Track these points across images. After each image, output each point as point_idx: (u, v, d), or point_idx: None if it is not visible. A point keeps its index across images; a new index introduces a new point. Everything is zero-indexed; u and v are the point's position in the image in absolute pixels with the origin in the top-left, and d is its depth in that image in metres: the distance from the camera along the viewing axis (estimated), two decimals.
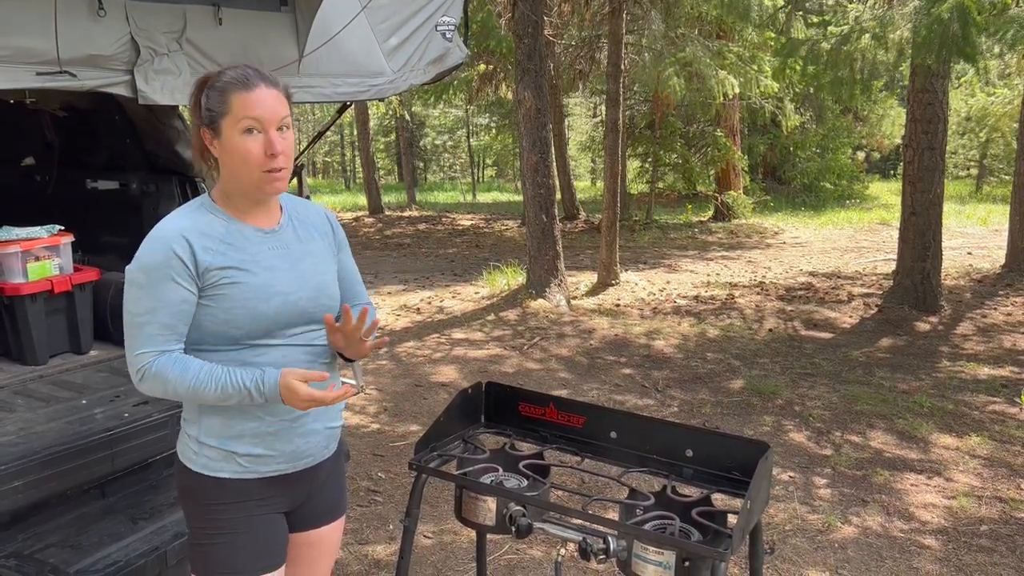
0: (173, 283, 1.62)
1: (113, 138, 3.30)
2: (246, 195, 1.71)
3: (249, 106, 1.61)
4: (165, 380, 1.62)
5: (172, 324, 1.63)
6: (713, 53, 12.13)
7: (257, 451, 1.71)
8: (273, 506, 1.79)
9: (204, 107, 1.64)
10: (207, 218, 1.70)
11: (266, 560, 1.76)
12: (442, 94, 15.23)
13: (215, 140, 1.65)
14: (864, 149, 25.89)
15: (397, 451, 4.43)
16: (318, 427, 1.80)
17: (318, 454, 1.83)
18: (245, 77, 1.63)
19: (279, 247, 1.75)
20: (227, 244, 1.68)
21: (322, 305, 1.78)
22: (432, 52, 3.88)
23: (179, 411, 2.50)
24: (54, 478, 2.14)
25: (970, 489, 3.94)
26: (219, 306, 1.65)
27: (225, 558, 1.72)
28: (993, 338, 6.74)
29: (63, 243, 2.93)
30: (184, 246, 1.63)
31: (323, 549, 1.97)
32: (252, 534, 1.73)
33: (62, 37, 2.41)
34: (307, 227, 1.84)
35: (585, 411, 2.37)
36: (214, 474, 1.72)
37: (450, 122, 32.72)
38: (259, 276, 1.68)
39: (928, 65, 5.93)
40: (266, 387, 1.63)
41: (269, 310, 1.68)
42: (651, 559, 1.86)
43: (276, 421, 1.72)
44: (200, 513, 1.74)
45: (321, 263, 1.82)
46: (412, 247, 13.45)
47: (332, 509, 1.95)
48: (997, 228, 14.16)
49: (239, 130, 1.61)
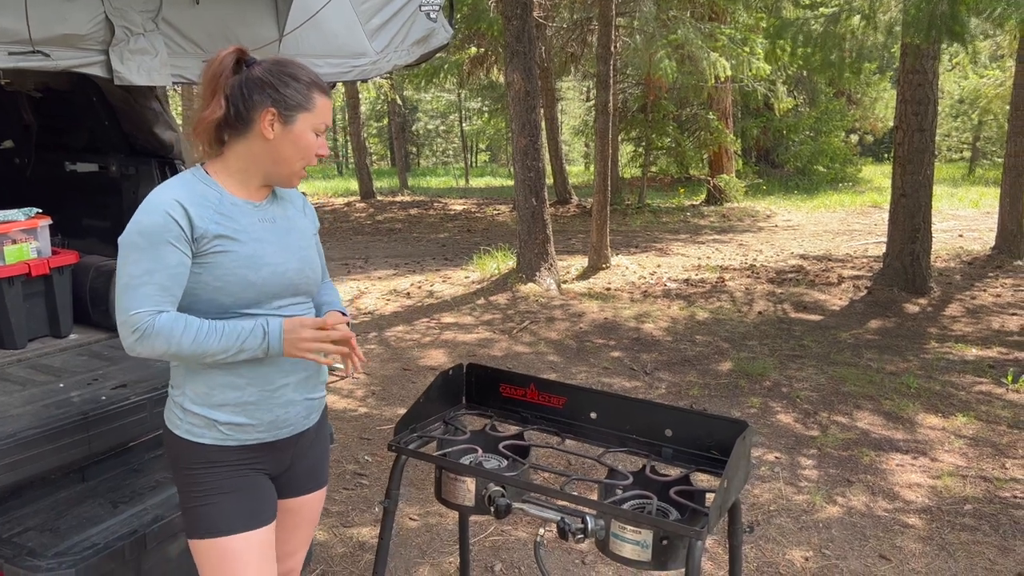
0: (170, 246, 1.65)
1: (91, 119, 3.25)
2: (265, 178, 1.79)
3: (326, 113, 1.77)
4: (169, 335, 1.63)
5: (168, 286, 1.67)
6: (705, 35, 12.07)
7: (238, 420, 1.77)
8: (257, 468, 1.83)
9: (285, 94, 1.71)
10: (200, 188, 1.74)
11: (251, 518, 1.80)
12: (433, 77, 15.13)
13: (278, 126, 1.72)
14: (857, 132, 25.85)
15: (384, 435, 4.42)
16: (297, 397, 1.85)
17: (298, 424, 1.87)
18: (324, 83, 1.77)
19: (267, 220, 1.81)
20: (220, 214, 1.73)
21: (307, 278, 1.86)
22: (416, 32, 3.83)
23: (156, 394, 2.51)
24: (28, 461, 2.12)
25: (955, 469, 3.96)
26: (211, 273, 1.70)
27: (213, 517, 1.77)
28: (981, 319, 6.75)
29: (41, 226, 2.89)
30: (180, 211, 1.67)
31: (303, 517, 2.03)
32: (236, 494, 1.78)
33: (33, 16, 2.37)
34: (289, 205, 1.91)
35: (565, 391, 2.37)
36: (198, 440, 1.77)
37: (442, 106, 32.58)
38: (249, 246, 1.74)
39: (917, 45, 5.89)
40: (270, 328, 1.69)
41: (258, 279, 1.73)
42: (628, 538, 1.87)
43: (256, 391, 1.77)
44: (187, 477, 1.79)
45: (304, 238, 1.89)
46: (403, 232, 13.41)
47: (314, 479, 2.01)
48: (988, 211, 14.18)
49: (313, 128, 1.75)
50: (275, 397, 1.79)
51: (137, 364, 2.68)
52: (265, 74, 1.71)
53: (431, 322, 6.84)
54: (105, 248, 3.27)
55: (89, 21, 2.55)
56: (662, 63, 11.93)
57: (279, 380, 1.79)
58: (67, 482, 2.47)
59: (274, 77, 1.71)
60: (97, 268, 3.05)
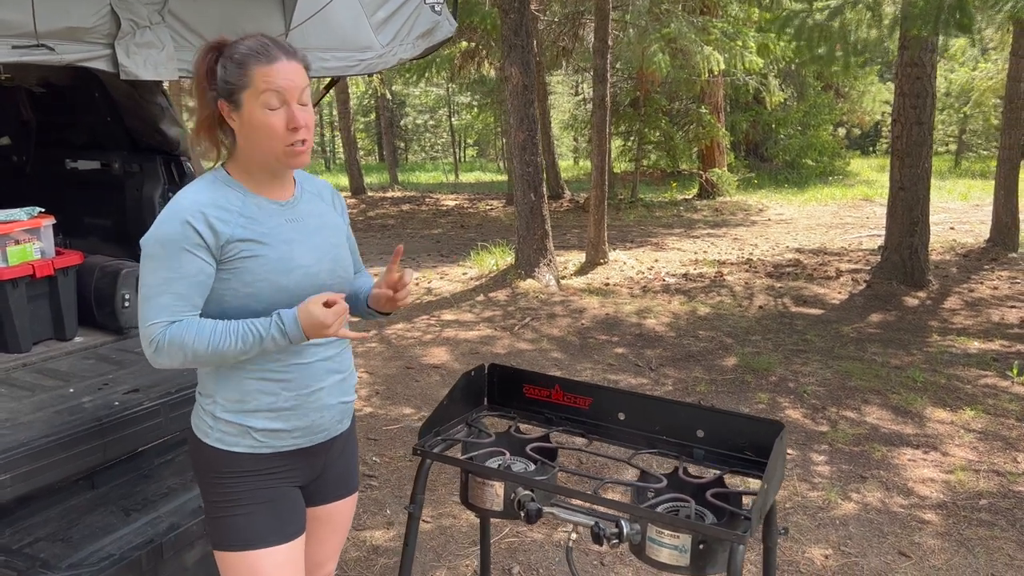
0: (189, 254, 1.58)
1: (93, 116, 3.17)
2: (266, 168, 1.69)
3: (271, 79, 1.57)
4: (183, 344, 1.57)
5: (187, 295, 1.60)
6: (698, 29, 12.03)
7: (274, 426, 1.70)
8: (288, 478, 1.77)
9: (221, 79, 1.60)
10: (223, 191, 1.66)
11: (282, 531, 1.74)
12: (424, 72, 15.04)
13: (234, 113, 1.61)
14: (845, 125, 25.94)
15: (391, 434, 4.36)
16: (332, 401, 1.79)
17: (332, 428, 1.82)
18: (265, 48, 1.58)
19: (295, 219, 1.73)
20: (245, 217, 1.65)
21: (339, 277, 1.78)
22: (421, 25, 3.78)
23: (171, 399, 2.45)
24: (43, 471, 2.05)
25: (967, 463, 3.94)
26: (240, 280, 1.63)
27: (244, 529, 1.70)
28: (981, 312, 6.76)
29: (44, 226, 2.81)
30: (200, 218, 1.60)
31: (334, 525, 1.96)
32: (267, 505, 1.72)
33: (39, 8, 2.29)
34: (317, 200, 1.82)
35: (592, 392, 2.32)
36: (230, 448, 1.70)
37: (431, 101, 32.41)
38: (278, 249, 1.66)
39: (924, 37, 5.86)
40: (285, 322, 1.59)
41: (290, 283, 1.66)
42: (666, 543, 1.82)
43: (292, 396, 1.70)
44: (215, 486, 1.72)
45: (335, 235, 1.81)
46: (396, 228, 13.32)
47: (344, 485, 1.95)
48: (978, 203, 14.26)
49: (261, 104, 1.58)
50: (311, 401, 1.73)
51: (147, 368, 2.61)
52: (210, 62, 1.62)
53: (431, 319, 6.77)
54: (109, 247, 3.19)
55: (95, 14, 2.48)
56: (656, 57, 11.89)
57: (314, 384, 1.73)
58: (77, 489, 2.40)
59: (219, 65, 1.61)
60: (102, 268, 2.97)
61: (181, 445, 2.60)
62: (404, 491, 3.69)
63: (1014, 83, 9.05)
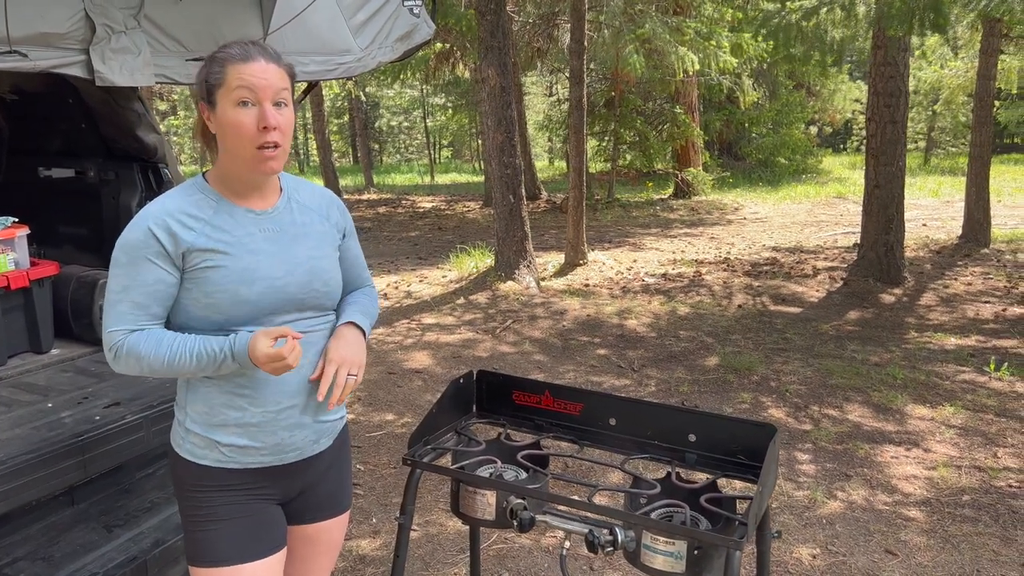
0: (148, 262, 1.58)
1: (67, 123, 3.11)
2: (240, 177, 1.65)
3: (243, 76, 1.55)
4: (139, 355, 1.57)
5: (145, 304, 1.59)
6: (672, 29, 12.09)
7: (240, 442, 1.66)
8: (261, 496, 1.72)
9: (203, 80, 1.59)
10: (196, 198, 1.64)
11: (255, 548, 1.69)
12: (399, 73, 14.97)
13: (211, 115, 1.60)
14: (817, 124, 26.21)
15: (375, 441, 4.32)
16: (306, 420, 1.72)
17: (305, 448, 1.75)
18: (245, 50, 1.58)
19: (271, 230, 1.68)
20: (212, 226, 1.62)
21: (314, 291, 1.71)
22: (399, 28, 3.76)
23: (152, 412, 2.39)
24: (21, 489, 1.99)
25: (949, 459, 3.98)
26: (200, 290, 1.60)
27: (214, 544, 1.66)
28: (956, 308, 6.85)
29: (18, 236, 2.74)
30: (163, 226, 1.58)
31: (320, 546, 1.89)
32: (240, 521, 1.68)
33: (11, 14, 2.23)
34: (307, 210, 1.77)
35: (583, 398, 2.30)
36: (199, 461, 1.67)
37: (405, 102, 32.28)
38: (242, 260, 1.62)
39: (900, 36, 5.92)
40: (236, 347, 1.56)
41: (251, 295, 1.61)
42: (661, 549, 1.81)
43: (260, 412, 1.65)
44: (187, 499, 1.70)
45: (318, 248, 1.74)
46: (373, 231, 13.24)
47: (331, 504, 1.88)
48: (948, 200, 14.48)
49: (232, 101, 1.56)
50: (279, 419, 1.67)
51: (128, 380, 2.55)
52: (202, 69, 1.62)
53: (412, 323, 6.73)
54: (85, 257, 3.12)
55: (69, 19, 2.43)
56: (631, 58, 11.93)
57: (284, 401, 1.66)
58: (55, 505, 2.33)
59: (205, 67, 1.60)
60: (79, 279, 2.90)
61: (163, 458, 2.55)
62: (389, 499, 3.66)
63: (984, 81, 9.19)
